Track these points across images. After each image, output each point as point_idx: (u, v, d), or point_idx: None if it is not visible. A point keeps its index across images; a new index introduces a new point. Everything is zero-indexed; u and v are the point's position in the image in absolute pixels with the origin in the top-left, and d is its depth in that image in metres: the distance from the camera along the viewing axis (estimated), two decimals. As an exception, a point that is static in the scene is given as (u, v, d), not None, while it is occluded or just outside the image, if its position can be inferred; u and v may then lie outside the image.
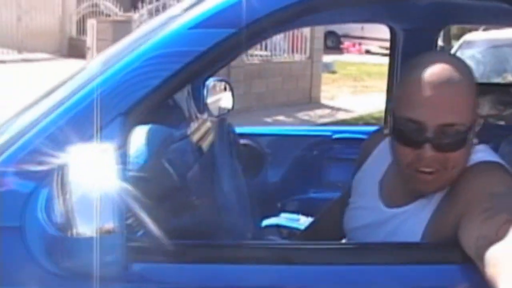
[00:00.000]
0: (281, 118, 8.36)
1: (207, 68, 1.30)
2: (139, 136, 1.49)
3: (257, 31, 1.28)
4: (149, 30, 1.39)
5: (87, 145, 1.10)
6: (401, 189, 1.40)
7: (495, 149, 1.54)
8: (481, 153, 1.34)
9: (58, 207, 1.07)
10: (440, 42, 2.47)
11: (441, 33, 2.43)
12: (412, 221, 1.34)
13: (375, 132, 1.76)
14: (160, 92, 1.23)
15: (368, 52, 18.04)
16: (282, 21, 1.31)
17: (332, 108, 9.45)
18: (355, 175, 1.60)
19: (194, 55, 1.22)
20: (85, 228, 0.97)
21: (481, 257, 1.12)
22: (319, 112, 9.10)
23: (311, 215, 2.61)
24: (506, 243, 1.10)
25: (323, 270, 1.21)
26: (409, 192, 1.37)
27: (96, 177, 0.98)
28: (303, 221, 2.61)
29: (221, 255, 1.22)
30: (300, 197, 2.58)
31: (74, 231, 0.98)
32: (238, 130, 2.12)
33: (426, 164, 1.28)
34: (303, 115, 8.75)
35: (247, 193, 1.75)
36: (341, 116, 8.89)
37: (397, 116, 1.32)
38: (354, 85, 12.02)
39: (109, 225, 0.95)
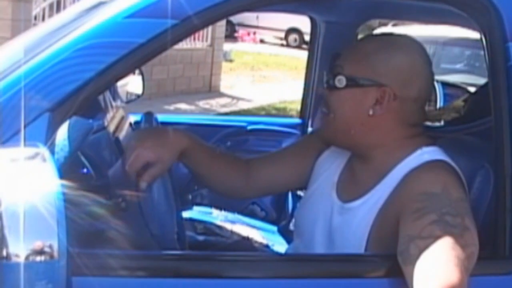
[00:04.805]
0: (182, 106, 8.20)
1: (144, 61, 1.17)
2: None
3: (198, 23, 1.18)
4: (76, 16, 1.24)
5: (12, 149, 0.95)
6: (352, 183, 1.41)
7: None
8: (428, 154, 1.33)
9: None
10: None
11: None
12: (362, 215, 1.33)
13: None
14: (92, 87, 1.10)
15: (262, 41, 18.09)
16: (223, 14, 1.23)
17: (232, 97, 9.40)
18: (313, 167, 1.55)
19: (132, 47, 1.11)
20: (18, 250, 0.81)
21: (402, 256, 1.15)
22: (220, 101, 9.03)
23: (224, 208, 2.55)
24: (425, 242, 1.12)
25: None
26: (360, 185, 1.37)
27: (30, 188, 0.83)
28: (216, 214, 2.55)
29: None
30: None
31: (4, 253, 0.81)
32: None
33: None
34: (204, 103, 8.63)
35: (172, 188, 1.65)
36: (242, 105, 8.85)
37: None
38: (252, 75, 12.02)
39: (49, 245, 0.80)
